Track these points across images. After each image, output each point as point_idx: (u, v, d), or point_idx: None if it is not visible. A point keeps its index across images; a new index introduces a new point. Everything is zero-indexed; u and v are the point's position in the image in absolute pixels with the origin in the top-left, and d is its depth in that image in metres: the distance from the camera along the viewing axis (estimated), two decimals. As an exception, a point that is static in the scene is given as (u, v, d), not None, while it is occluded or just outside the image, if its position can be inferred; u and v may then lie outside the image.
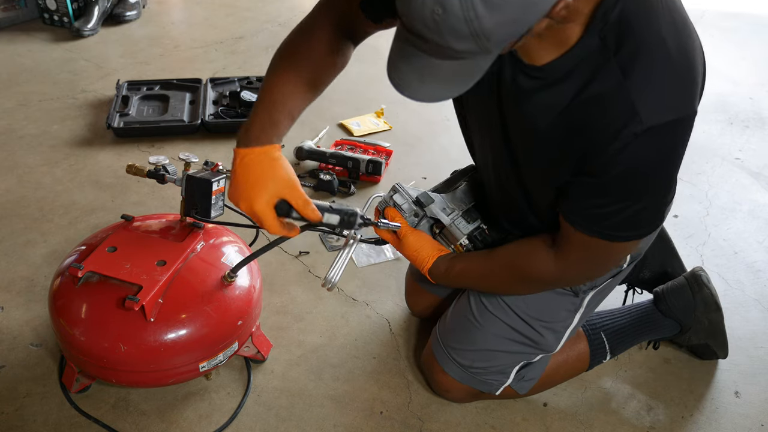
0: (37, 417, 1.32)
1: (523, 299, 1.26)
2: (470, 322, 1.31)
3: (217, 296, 1.27)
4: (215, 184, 1.29)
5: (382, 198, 1.29)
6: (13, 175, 2.02)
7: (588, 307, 1.29)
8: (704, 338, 1.47)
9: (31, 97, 2.45)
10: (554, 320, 1.28)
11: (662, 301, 1.46)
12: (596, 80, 0.91)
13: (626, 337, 1.45)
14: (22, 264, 1.69)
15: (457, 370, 1.32)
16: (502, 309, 1.28)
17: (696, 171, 2.22)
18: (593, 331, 1.41)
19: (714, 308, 1.45)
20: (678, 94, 0.91)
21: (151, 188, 1.98)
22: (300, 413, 1.36)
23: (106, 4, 3.02)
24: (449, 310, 1.38)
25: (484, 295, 1.30)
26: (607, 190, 0.97)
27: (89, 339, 1.21)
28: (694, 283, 1.46)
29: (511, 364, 1.31)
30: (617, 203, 0.98)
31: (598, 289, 1.28)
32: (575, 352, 1.39)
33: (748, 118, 2.57)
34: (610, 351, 1.42)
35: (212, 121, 2.26)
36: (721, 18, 3.47)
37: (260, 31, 3.06)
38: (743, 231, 1.96)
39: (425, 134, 2.34)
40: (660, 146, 0.92)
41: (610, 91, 0.90)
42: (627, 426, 1.38)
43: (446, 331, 1.35)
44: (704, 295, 1.45)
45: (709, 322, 1.45)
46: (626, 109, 0.89)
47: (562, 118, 0.96)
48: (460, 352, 1.31)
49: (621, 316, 1.46)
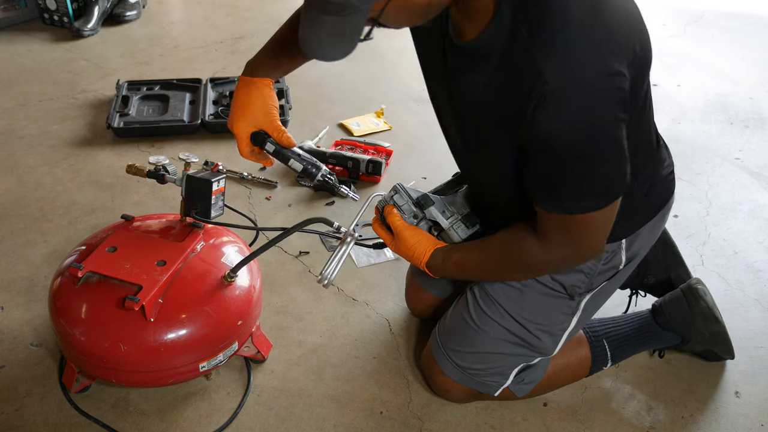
0: (37, 417, 1.32)
1: (520, 303, 1.26)
2: (468, 324, 1.31)
3: (217, 296, 1.27)
4: (215, 184, 1.29)
5: (382, 197, 1.29)
6: (13, 175, 2.02)
7: (585, 310, 1.29)
8: (707, 346, 1.46)
9: (31, 97, 2.45)
10: (551, 323, 1.27)
11: (660, 314, 1.46)
12: (509, 50, 0.93)
13: (628, 345, 1.44)
14: (22, 264, 1.69)
15: (455, 372, 1.32)
16: (499, 312, 1.28)
17: (696, 171, 2.22)
18: (596, 337, 1.40)
19: (713, 321, 1.44)
20: (586, 53, 0.89)
21: (151, 188, 1.98)
22: (300, 413, 1.36)
23: (106, 4, 3.02)
24: (448, 312, 1.38)
25: (481, 298, 1.30)
26: (542, 159, 0.97)
27: (89, 339, 1.21)
28: (691, 296, 1.45)
29: (509, 366, 1.31)
30: (560, 172, 0.97)
31: (595, 292, 1.27)
32: (576, 357, 1.39)
33: (748, 118, 2.57)
34: (611, 358, 1.42)
35: (212, 121, 2.26)
36: (721, 18, 3.47)
37: (260, 31, 3.06)
38: (743, 231, 1.96)
39: (425, 134, 2.34)
40: (572, 108, 0.90)
41: (520, 58, 0.92)
42: (627, 426, 1.38)
43: (445, 333, 1.35)
44: (701, 308, 1.44)
45: (709, 333, 1.45)
46: (533, 72, 0.90)
47: (489, 94, 0.98)
48: (459, 354, 1.31)
49: (624, 324, 1.46)
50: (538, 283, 1.25)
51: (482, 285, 1.31)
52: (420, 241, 1.23)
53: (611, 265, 1.25)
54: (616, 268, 1.26)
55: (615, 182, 1.00)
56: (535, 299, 1.26)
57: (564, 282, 1.24)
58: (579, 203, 1.01)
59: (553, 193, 1.01)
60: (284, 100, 2.39)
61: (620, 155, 0.98)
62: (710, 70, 2.87)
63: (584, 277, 1.24)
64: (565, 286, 1.24)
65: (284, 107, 2.35)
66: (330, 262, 1.24)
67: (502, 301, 1.27)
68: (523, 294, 1.26)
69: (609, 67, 0.90)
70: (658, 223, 1.28)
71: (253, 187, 2.02)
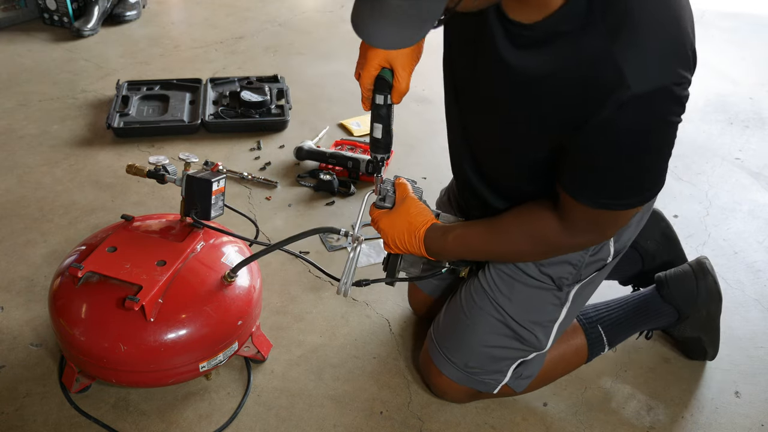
0: (37, 417, 1.32)
1: (509, 296, 1.26)
2: (460, 318, 1.31)
3: (217, 296, 1.27)
4: (215, 184, 1.29)
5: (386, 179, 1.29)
6: (13, 175, 2.02)
7: (575, 301, 1.29)
8: (698, 331, 1.46)
9: (31, 97, 2.45)
10: (540, 315, 1.27)
11: (664, 286, 1.46)
12: (583, 44, 0.90)
13: (623, 327, 1.44)
14: (22, 264, 1.69)
15: (453, 371, 1.32)
16: (490, 304, 1.27)
17: (696, 171, 2.22)
18: (590, 324, 1.41)
19: (716, 298, 1.45)
20: (667, 61, 0.89)
21: (151, 188, 1.98)
22: (300, 413, 1.36)
23: (106, 4, 3.02)
24: (441, 311, 1.38)
25: (474, 292, 1.29)
26: (597, 158, 0.97)
27: (89, 339, 1.21)
28: (699, 270, 1.45)
29: (505, 361, 1.31)
30: (609, 172, 0.97)
31: (584, 283, 1.27)
32: (572, 347, 1.39)
33: (748, 118, 2.57)
34: (608, 343, 1.42)
35: (212, 121, 2.26)
36: (721, 18, 3.47)
37: (260, 31, 3.06)
38: (743, 231, 1.96)
39: (425, 134, 2.34)
40: (647, 114, 0.90)
41: (597, 56, 0.90)
42: (627, 426, 1.38)
43: (440, 331, 1.35)
44: (708, 282, 1.44)
45: (707, 313, 1.45)
46: (613, 74, 0.88)
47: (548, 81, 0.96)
48: (454, 352, 1.31)
49: (618, 307, 1.46)
50: (527, 276, 1.25)
51: (474, 280, 1.30)
52: (422, 212, 1.21)
53: (599, 257, 1.25)
54: (604, 261, 1.27)
55: (658, 183, 1.01)
56: (524, 292, 1.26)
57: (552, 274, 1.24)
58: (619, 201, 1.01)
59: (597, 190, 1.00)
60: (284, 100, 2.39)
61: (669, 157, 0.99)
62: (710, 70, 2.87)
63: (572, 269, 1.24)
64: (553, 278, 1.25)
65: (284, 107, 2.35)
66: (345, 273, 1.22)
67: (492, 293, 1.27)
68: (512, 287, 1.26)
69: (682, 78, 0.90)
70: (645, 214, 1.29)
71: (253, 187, 2.02)
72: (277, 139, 2.26)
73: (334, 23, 3.17)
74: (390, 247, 1.25)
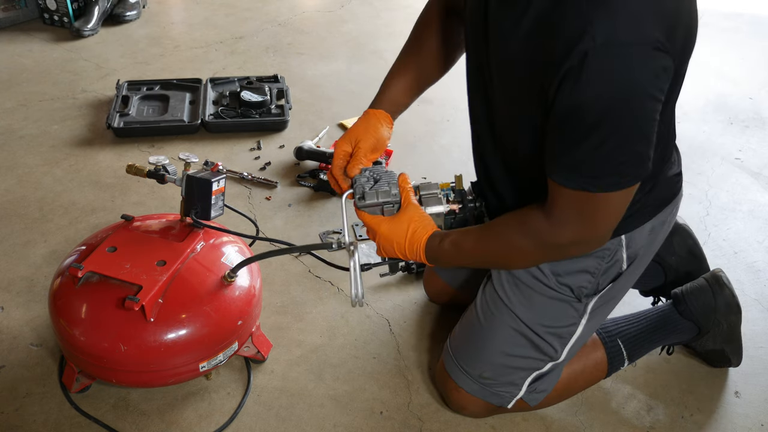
0: (37, 417, 1.32)
1: (527, 306, 1.25)
2: (476, 326, 1.30)
3: (217, 296, 1.27)
4: (215, 184, 1.30)
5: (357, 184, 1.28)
6: (13, 175, 2.02)
7: (593, 316, 1.27)
8: (721, 343, 1.45)
9: (31, 97, 2.45)
10: (558, 325, 1.26)
11: (681, 302, 1.44)
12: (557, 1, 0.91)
13: (644, 342, 1.42)
14: (22, 264, 1.69)
15: (468, 382, 1.30)
16: (507, 312, 1.27)
17: (696, 171, 2.22)
18: (609, 338, 1.39)
19: (735, 310, 1.43)
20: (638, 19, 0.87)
21: (151, 188, 1.98)
22: (300, 413, 1.36)
23: (106, 4, 3.02)
24: (457, 324, 1.37)
25: (490, 300, 1.29)
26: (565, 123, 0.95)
27: (89, 339, 1.21)
28: (715, 283, 1.43)
29: (520, 372, 1.29)
30: (583, 141, 0.94)
31: (601, 295, 1.26)
32: (592, 361, 1.37)
33: (748, 118, 2.57)
34: (627, 357, 1.40)
35: (212, 121, 2.26)
36: (721, 18, 3.47)
37: (260, 31, 3.06)
38: (743, 231, 1.96)
39: (425, 134, 2.34)
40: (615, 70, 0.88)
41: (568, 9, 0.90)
42: (627, 426, 1.38)
43: (455, 342, 1.34)
44: (725, 295, 1.42)
45: (728, 325, 1.43)
46: (582, 24, 0.87)
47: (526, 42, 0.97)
48: (469, 362, 1.30)
49: (637, 321, 1.44)
50: (546, 287, 1.24)
51: (491, 288, 1.30)
52: (424, 217, 1.21)
53: (614, 263, 1.24)
54: (619, 268, 1.25)
55: (636, 165, 0.97)
56: (543, 302, 1.25)
57: (571, 284, 1.23)
58: (596, 180, 0.98)
59: (571, 166, 0.98)
60: (284, 100, 2.39)
61: (648, 136, 0.95)
62: (710, 70, 2.87)
63: (590, 277, 1.23)
64: (572, 288, 1.23)
65: (284, 107, 2.35)
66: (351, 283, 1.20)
67: (510, 303, 1.26)
68: (530, 299, 1.25)
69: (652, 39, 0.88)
70: (659, 227, 1.26)
71: (253, 187, 2.02)
72: (277, 139, 2.26)
73: (334, 23, 3.17)
74: (386, 254, 1.25)
